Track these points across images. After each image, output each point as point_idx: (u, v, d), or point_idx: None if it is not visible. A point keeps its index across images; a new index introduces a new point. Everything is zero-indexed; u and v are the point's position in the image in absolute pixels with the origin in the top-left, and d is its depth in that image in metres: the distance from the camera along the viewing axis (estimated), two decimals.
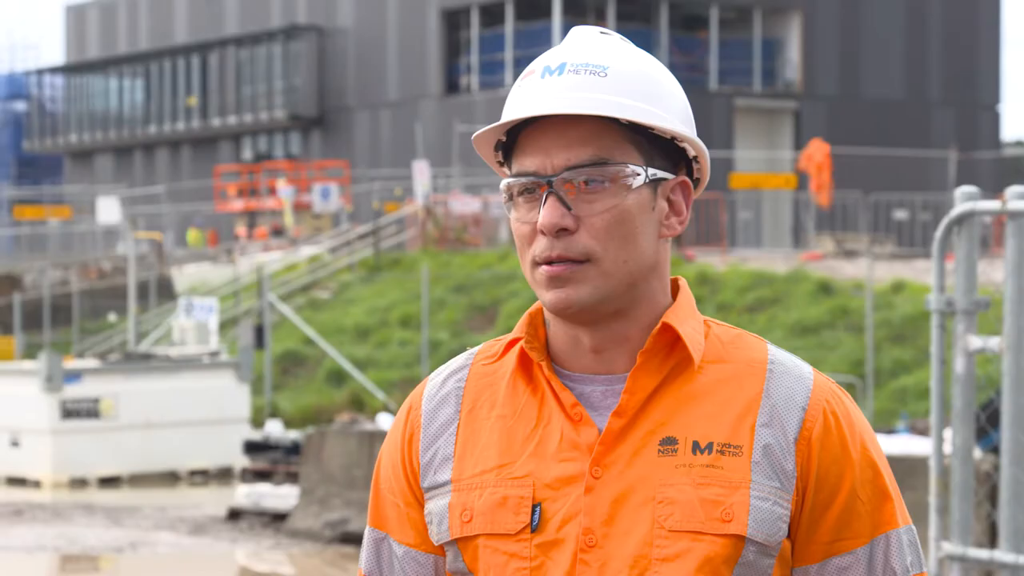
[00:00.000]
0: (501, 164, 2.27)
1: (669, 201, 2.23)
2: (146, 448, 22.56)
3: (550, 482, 2.19)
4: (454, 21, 47.42)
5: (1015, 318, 5.21)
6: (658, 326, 2.20)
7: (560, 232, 2.17)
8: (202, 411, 22.89)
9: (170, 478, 22.78)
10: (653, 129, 2.19)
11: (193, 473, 22.91)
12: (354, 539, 16.15)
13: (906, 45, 46.77)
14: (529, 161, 2.20)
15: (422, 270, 27.84)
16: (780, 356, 2.24)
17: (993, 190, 35.33)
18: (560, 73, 2.20)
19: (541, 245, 2.18)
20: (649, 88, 2.20)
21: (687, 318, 2.23)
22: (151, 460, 22.64)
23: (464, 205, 36.48)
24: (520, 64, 45.31)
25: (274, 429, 21.48)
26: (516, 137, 2.22)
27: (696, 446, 2.17)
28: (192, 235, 44.85)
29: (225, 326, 30.24)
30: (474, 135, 2.24)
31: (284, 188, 42.80)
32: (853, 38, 46.10)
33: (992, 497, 8.75)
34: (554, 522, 2.18)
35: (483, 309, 28.91)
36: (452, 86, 47.50)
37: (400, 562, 2.30)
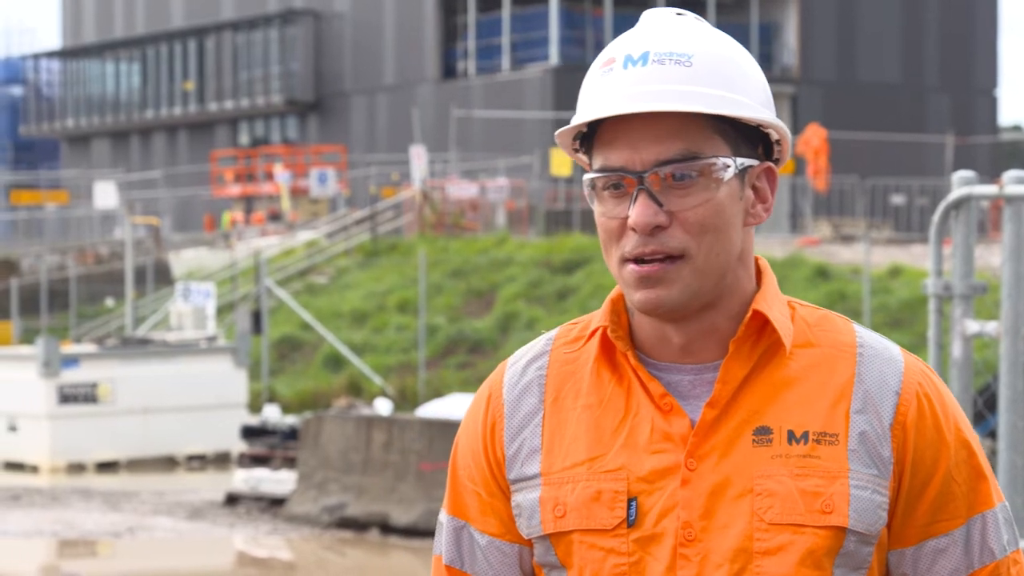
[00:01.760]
0: (577, 151, 2.22)
1: (754, 188, 2.20)
2: (144, 433, 22.57)
3: (645, 475, 2.15)
4: (451, 6, 47.36)
5: (1012, 302, 5.21)
6: (748, 313, 2.16)
7: (654, 229, 2.12)
8: (199, 396, 22.88)
9: (168, 463, 22.79)
10: (741, 119, 2.15)
11: (191, 458, 22.92)
12: (352, 524, 16.16)
13: (903, 30, 46.74)
14: (615, 156, 2.14)
15: (419, 255, 27.84)
16: (869, 338, 2.21)
17: (990, 175, 35.29)
18: (644, 63, 2.14)
19: (633, 242, 2.13)
20: (733, 74, 2.16)
21: (775, 302, 2.20)
22: (149, 445, 22.65)
23: (461, 190, 36.46)
24: (517, 49, 45.28)
25: (272, 414, 21.49)
26: (596, 128, 2.17)
27: (791, 435, 2.13)
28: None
29: (222, 311, 30.23)
30: (557, 132, 2.19)
31: (281, 173, 42.77)
32: (850, 23, 46.06)
33: None
34: (651, 516, 2.14)
35: (480, 294, 28.90)
36: (449, 71, 47.45)
37: (483, 551, 2.25)
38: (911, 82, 46.65)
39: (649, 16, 2.23)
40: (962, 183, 5.34)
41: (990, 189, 5.32)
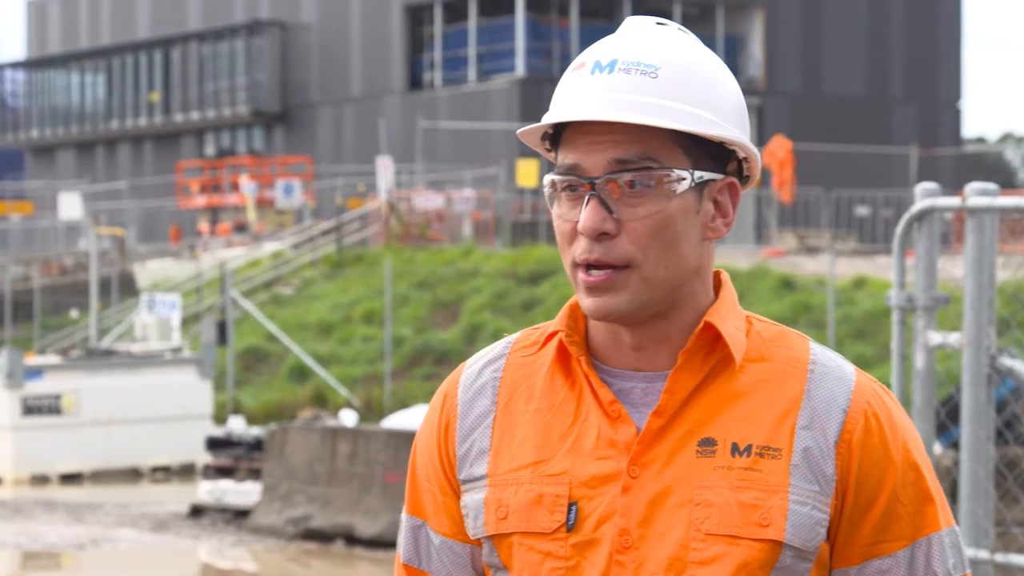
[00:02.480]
0: (549, 151, 2.22)
1: (715, 202, 2.19)
2: (108, 445, 22.48)
3: (587, 480, 2.15)
4: (417, 17, 47.38)
5: (975, 314, 5.23)
6: (700, 325, 2.16)
7: (601, 236, 2.12)
8: (164, 407, 22.81)
9: (132, 475, 22.70)
10: (699, 135, 2.14)
11: (155, 470, 22.84)
12: (317, 536, 16.13)
13: (868, 42, 46.94)
14: (573, 158, 2.15)
15: (385, 266, 27.81)
16: (822, 355, 2.19)
17: (954, 186, 35.49)
18: (611, 71, 2.14)
19: (581, 246, 2.13)
20: (701, 89, 2.15)
21: (729, 316, 2.19)
22: (113, 457, 22.56)
23: (427, 201, 36.45)
24: (483, 60, 45.32)
25: (237, 425, 21.43)
26: (563, 128, 2.18)
27: (735, 448, 2.13)
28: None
29: (188, 322, 30.15)
30: (519, 131, 2.20)
31: (247, 184, 42.68)
32: (815, 35, 46.24)
33: (952, 492, 8.80)
34: (590, 522, 2.14)
35: (446, 305, 28.90)
36: (415, 82, 47.46)
37: (437, 551, 2.27)
38: (876, 94, 46.84)
39: (629, 23, 2.22)
40: (925, 195, 5.36)
41: (953, 201, 5.34)
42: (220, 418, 24.38)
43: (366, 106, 47.96)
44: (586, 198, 2.13)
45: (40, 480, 22.17)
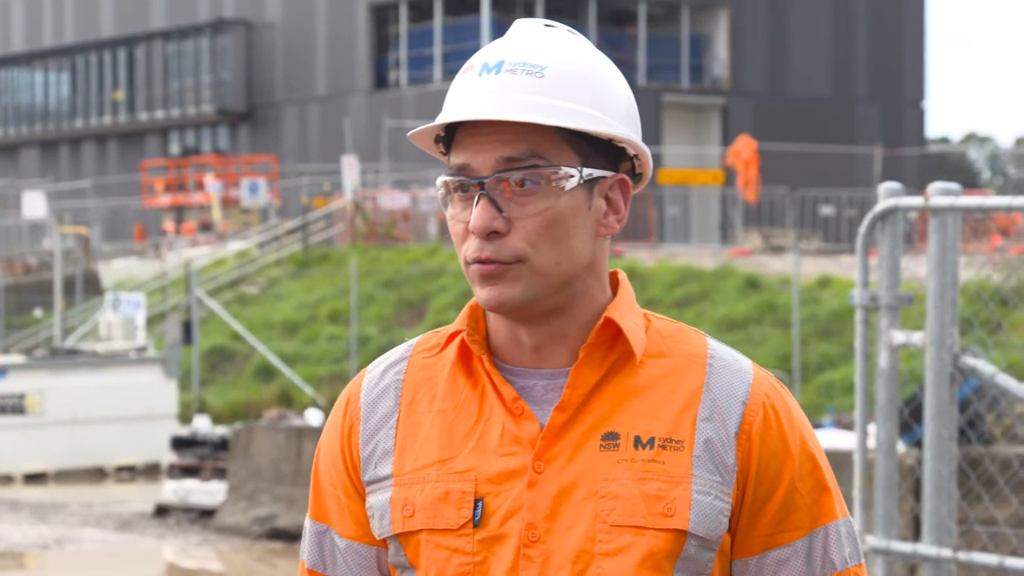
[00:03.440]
0: (444, 154, 2.24)
1: (607, 199, 2.22)
2: (72, 444, 22.41)
3: (492, 476, 2.18)
4: (383, 16, 47.33)
5: (937, 313, 5.26)
6: (600, 321, 2.19)
7: (491, 235, 2.15)
8: (129, 407, 22.75)
9: (97, 474, 22.63)
10: (588, 132, 2.16)
11: (120, 469, 22.77)
12: (282, 535, 16.10)
13: (832, 42, 47.08)
14: (463, 158, 2.18)
15: (351, 265, 27.78)
16: (720, 351, 2.24)
17: (918, 186, 35.62)
18: (497, 72, 2.17)
19: (473, 246, 2.16)
20: (589, 88, 2.18)
21: (628, 312, 2.22)
22: (77, 456, 22.49)
23: (393, 200, 36.42)
24: (449, 59, 45.30)
25: (202, 425, 21.38)
26: (454, 131, 2.20)
27: (638, 441, 2.16)
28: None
29: (153, 321, 30.07)
30: (410, 133, 2.22)
31: (212, 183, 42.58)
32: (780, 35, 46.36)
33: (916, 491, 8.84)
34: (496, 517, 2.17)
35: (412, 304, 28.88)
36: (381, 81, 47.41)
37: (343, 555, 2.28)
38: (840, 94, 46.98)
39: (517, 26, 2.24)
40: (888, 194, 5.39)
41: (916, 201, 5.36)
42: (185, 417, 24.32)
43: (331, 105, 47.89)
44: (476, 197, 2.16)
45: (4, 480, 22.09)
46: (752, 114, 45.10)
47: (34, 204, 35.31)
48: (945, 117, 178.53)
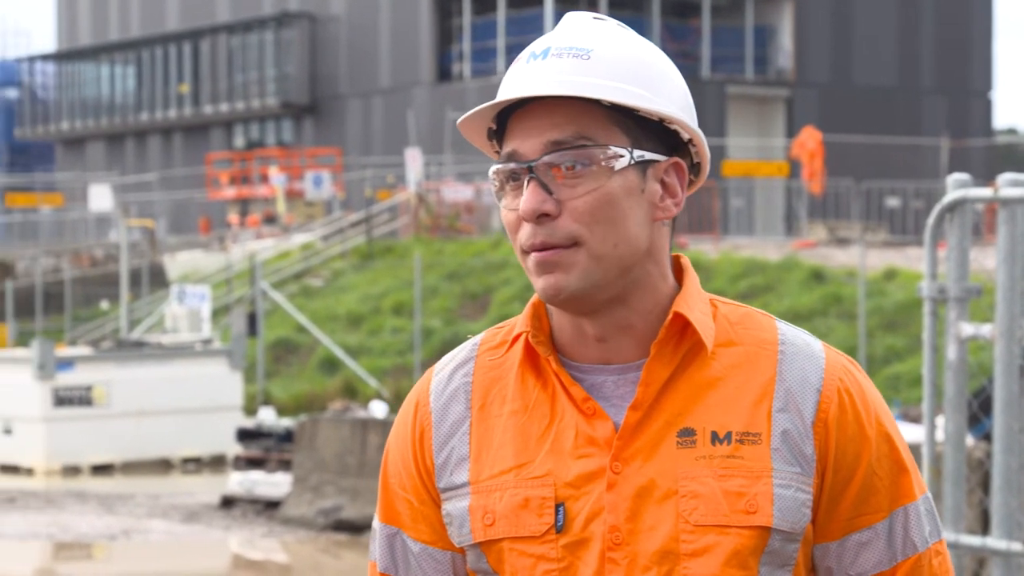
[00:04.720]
0: (498, 152, 2.23)
1: (663, 183, 2.18)
2: (139, 436, 22.56)
3: (571, 480, 2.15)
4: (446, 8, 47.38)
5: (1007, 305, 5.22)
6: (669, 316, 2.16)
7: (541, 218, 2.12)
8: (195, 399, 22.88)
9: (163, 466, 22.78)
10: (638, 111, 2.14)
11: (186, 461, 22.91)
12: (347, 526, 16.16)
13: (898, 32, 46.77)
14: (511, 145, 2.17)
15: (414, 258, 27.83)
16: (790, 334, 2.21)
17: (985, 177, 35.34)
18: (543, 58, 2.16)
19: (526, 232, 2.13)
20: (637, 71, 2.15)
21: (696, 302, 2.19)
22: (144, 448, 22.64)
23: (456, 192, 36.46)
24: (512, 51, 45.29)
25: (267, 417, 21.48)
26: (506, 123, 2.19)
27: (715, 436, 2.14)
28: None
29: (218, 314, 30.23)
30: (458, 120, 2.21)
31: (276, 176, 42.76)
32: (845, 25, 46.08)
33: (984, 484, 8.77)
34: (579, 521, 2.14)
35: (476, 296, 28.91)
36: (444, 73, 47.46)
37: (416, 559, 2.25)
38: (906, 85, 46.68)
39: (565, 18, 2.24)
40: (957, 186, 5.35)
41: (985, 192, 5.32)
42: (250, 409, 24.44)
43: (395, 98, 47.99)
44: (526, 181, 2.14)
45: (71, 471, 22.27)
46: (817, 105, 44.88)
47: (100, 197, 35.51)
48: (1013, 108, 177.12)
